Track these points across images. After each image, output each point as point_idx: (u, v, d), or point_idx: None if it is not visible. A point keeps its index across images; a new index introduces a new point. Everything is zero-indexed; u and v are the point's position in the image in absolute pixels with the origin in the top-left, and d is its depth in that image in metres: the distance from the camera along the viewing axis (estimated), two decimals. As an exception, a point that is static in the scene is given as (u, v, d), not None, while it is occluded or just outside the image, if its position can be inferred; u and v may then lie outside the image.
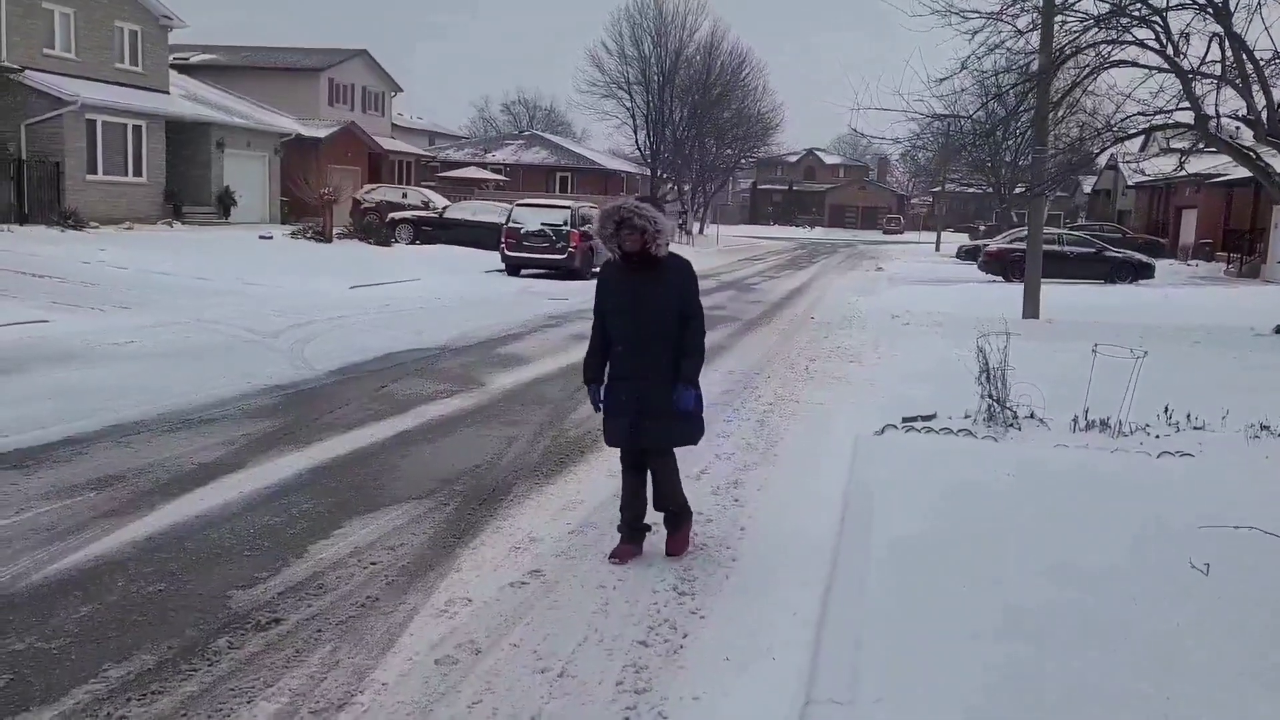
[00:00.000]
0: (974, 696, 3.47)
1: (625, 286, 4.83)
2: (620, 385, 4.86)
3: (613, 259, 4.88)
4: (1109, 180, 51.65)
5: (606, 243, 4.81)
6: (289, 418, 7.73)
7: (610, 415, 4.92)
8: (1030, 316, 16.33)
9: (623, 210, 4.71)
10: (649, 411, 4.79)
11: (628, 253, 4.75)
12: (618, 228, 4.71)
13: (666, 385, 4.77)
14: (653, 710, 3.50)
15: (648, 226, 4.69)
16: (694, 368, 4.86)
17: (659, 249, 4.74)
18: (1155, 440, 7.36)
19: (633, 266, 4.79)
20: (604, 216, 4.79)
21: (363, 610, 4.22)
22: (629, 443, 4.90)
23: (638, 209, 4.70)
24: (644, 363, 4.78)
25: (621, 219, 4.69)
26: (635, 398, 4.79)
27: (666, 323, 4.78)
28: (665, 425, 4.84)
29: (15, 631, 3.85)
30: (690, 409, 4.87)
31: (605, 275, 4.99)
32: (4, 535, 4.83)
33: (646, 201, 4.81)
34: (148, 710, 3.33)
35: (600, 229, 4.82)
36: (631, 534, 4.98)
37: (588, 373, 5.00)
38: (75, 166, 25.03)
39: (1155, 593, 4.49)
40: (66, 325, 11.69)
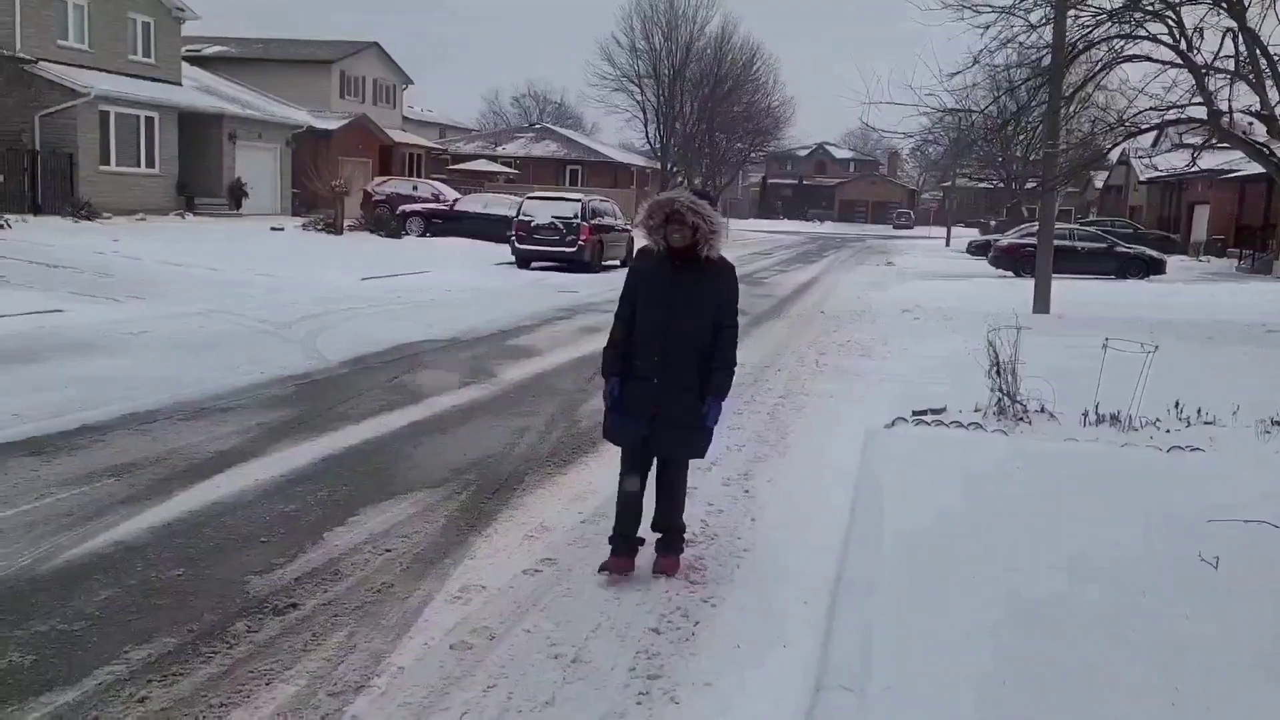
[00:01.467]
0: (983, 685, 3.50)
1: (663, 283, 4.49)
2: (638, 386, 4.54)
3: (653, 250, 4.54)
4: (1121, 175, 51.48)
5: (651, 234, 4.48)
6: (303, 407, 7.79)
7: (620, 413, 4.61)
8: (1041, 311, 16.31)
9: (676, 203, 4.38)
10: (666, 419, 4.50)
11: (674, 249, 4.44)
12: (667, 220, 4.40)
13: (689, 394, 4.49)
14: (665, 696, 3.55)
15: (701, 224, 4.38)
16: (727, 381, 4.58)
17: (711, 250, 4.43)
18: (1166, 435, 7.38)
19: (676, 264, 4.47)
20: (654, 207, 4.46)
21: (378, 596, 4.28)
22: (640, 448, 4.60)
23: (693, 204, 4.37)
24: (669, 368, 4.47)
25: (673, 212, 4.38)
26: (654, 402, 4.49)
27: (700, 328, 4.48)
28: (682, 436, 4.57)
29: (38, 614, 3.91)
30: (714, 424, 4.60)
31: (642, 266, 4.64)
32: (25, 520, 4.90)
33: (702, 197, 4.48)
34: (169, 691, 3.39)
35: (647, 219, 4.47)
36: (624, 546, 4.67)
37: (608, 365, 4.63)
38: (88, 157, 25.16)
39: (1165, 585, 4.51)
40: (82, 315, 11.77)
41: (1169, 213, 44.02)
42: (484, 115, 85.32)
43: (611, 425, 4.71)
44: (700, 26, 52.18)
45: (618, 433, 4.68)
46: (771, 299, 19.77)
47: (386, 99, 44.76)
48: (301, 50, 41.09)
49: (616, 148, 60.10)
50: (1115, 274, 26.72)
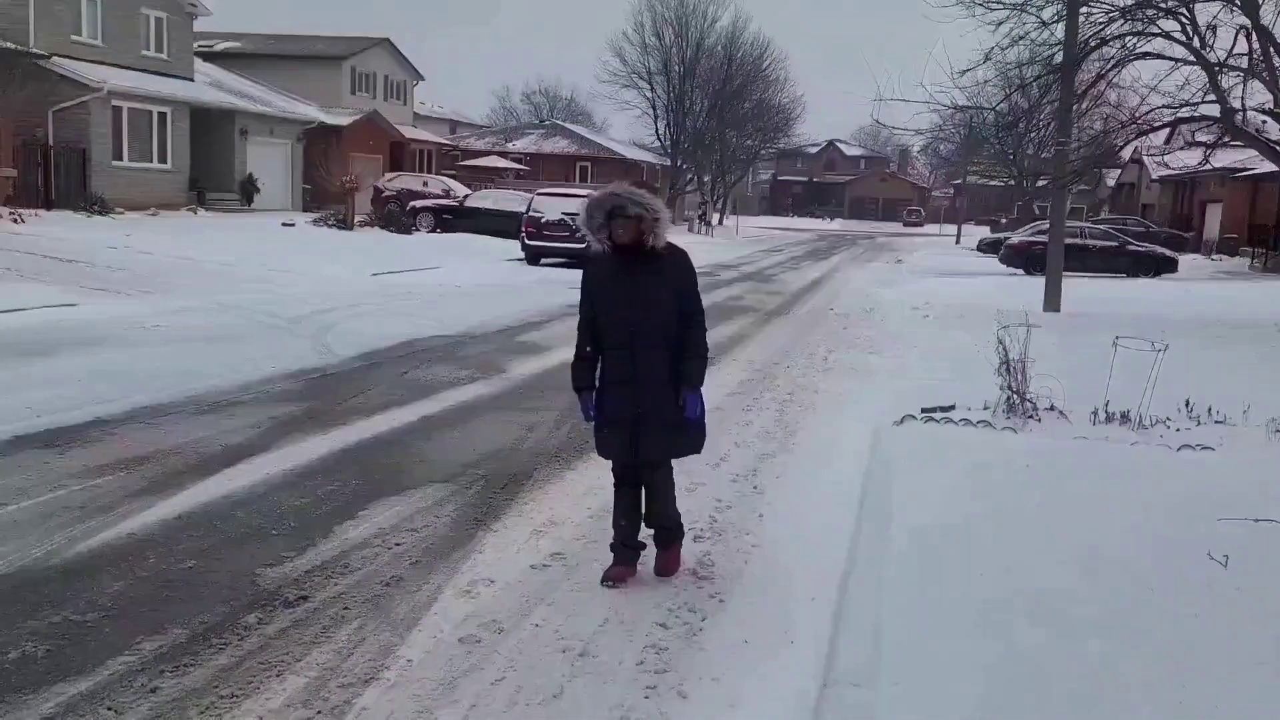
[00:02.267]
0: (989, 682, 3.51)
1: (618, 282, 4.32)
2: (614, 392, 4.39)
3: (601, 252, 4.35)
4: (1133, 174, 51.23)
5: (595, 234, 4.29)
6: (313, 402, 7.83)
7: (604, 425, 4.46)
8: (1051, 310, 16.26)
9: (616, 197, 4.23)
10: (649, 420, 4.34)
11: (620, 245, 4.27)
12: (609, 217, 4.23)
13: (666, 390, 4.35)
14: (672, 690, 3.57)
15: (644, 214, 4.21)
16: (699, 370, 4.41)
17: (657, 239, 4.26)
18: (1176, 434, 7.36)
19: (626, 260, 4.30)
20: (592, 205, 4.28)
21: (388, 589, 4.31)
22: (627, 456, 4.44)
23: (632, 195, 4.23)
24: (641, 367, 4.31)
25: (614, 207, 4.21)
26: (632, 406, 4.33)
27: (666, 321, 4.32)
28: (668, 435, 4.41)
29: (51, 605, 3.95)
30: (698, 416, 4.45)
31: (593, 271, 4.47)
32: (39, 512, 4.94)
33: (640, 187, 4.34)
34: (180, 682, 3.42)
35: (588, 219, 4.28)
36: (625, 553, 4.56)
37: (577, 379, 4.48)
38: (101, 152, 25.24)
39: (1173, 583, 4.51)
40: (94, 309, 11.83)
41: (1181, 211, 43.79)
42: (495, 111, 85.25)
43: (600, 440, 4.55)
44: (711, 23, 52.10)
45: (605, 446, 4.53)
46: (781, 296, 19.76)
47: (397, 95, 44.82)
48: (313, 46, 41.18)
49: (627, 144, 60.06)
50: (1127, 272, 26.62)
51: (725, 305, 17.42)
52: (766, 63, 54.90)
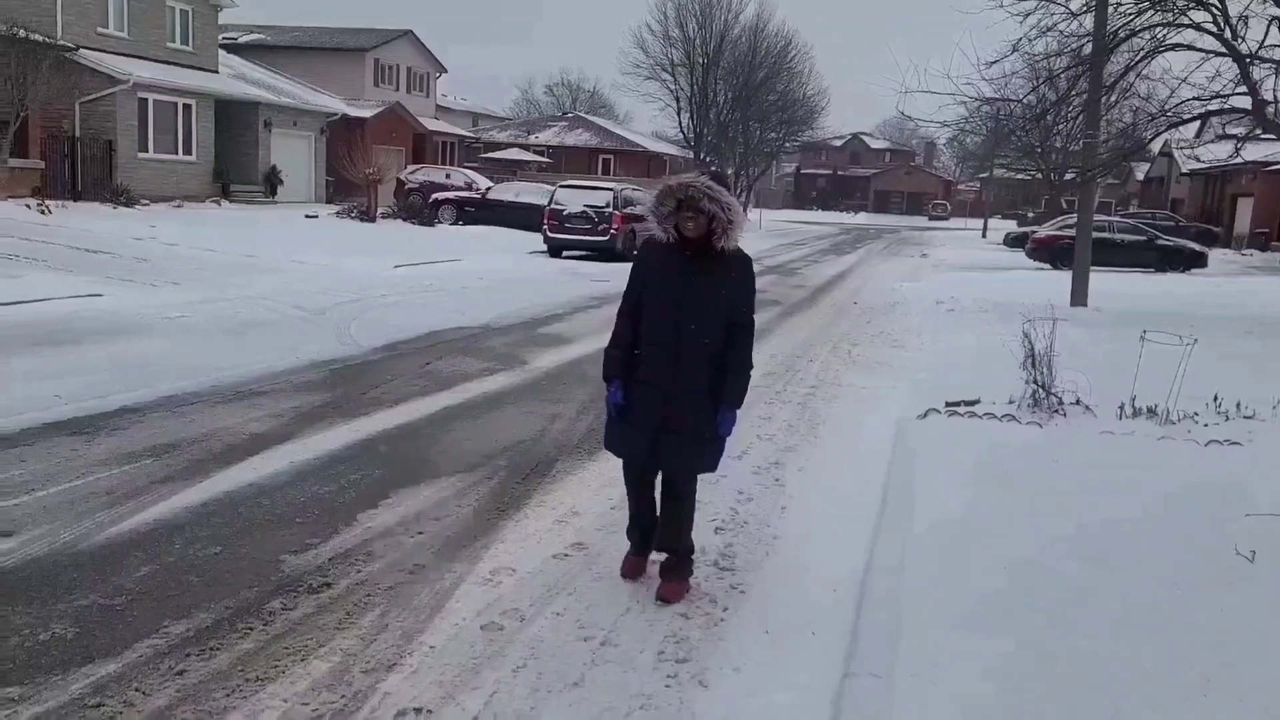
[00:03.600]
0: (1007, 674, 3.49)
1: (673, 277, 4.05)
2: (643, 391, 4.13)
3: (660, 240, 4.08)
4: (1163, 167, 50.70)
5: (662, 222, 4.03)
6: (337, 392, 7.87)
7: (625, 422, 4.20)
8: (1078, 304, 16.11)
9: (691, 188, 3.93)
10: (673, 428, 4.08)
11: (685, 238, 4.02)
12: (679, 206, 3.97)
13: (699, 401, 4.08)
14: (693, 679, 3.57)
15: (719, 213, 3.93)
16: (742, 387, 4.17)
17: (727, 241, 3.98)
18: (1203, 429, 7.28)
19: (687, 256, 4.03)
20: (665, 193, 4.01)
21: (411, 577, 4.33)
22: (645, 462, 4.23)
23: (710, 190, 3.92)
24: (679, 372, 4.05)
25: (687, 198, 3.93)
26: (660, 410, 4.08)
27: (714, 328, 4.05)
28: (691, 448, 4.14)
29: (80, 589, 3.99)
30: (729, 434, 4.21)
31: (648, 258, 4.17)
32: (67, 499, 5.00)
33: (718, 182, 4.00)
34: (206, 665, 3.45)
35: (657, 206, 4.03)
36: (644, 546, 4.42)
37: (610, 367, 4.21)
38: (127, 144, 25.45)
39: (1198, 578, 4.47)
40: (120, 299, 11.93)
41: (1212, 205, 43.28)
42: (517, 103, 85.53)
43: (614, 435, 4.29)
44: (735, 14, 51.92)
45: (621, 444, 4.27)
46: (804, 290, 19.69)
47: (420, 87, 44.96)
48: (336, 38, 41.37)
49: (649, 137, 60.00)
50: (1155, 267, 26.37)
51: (747, 298, 17.36)
52: (791, 54, 54.65)
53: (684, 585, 4.29)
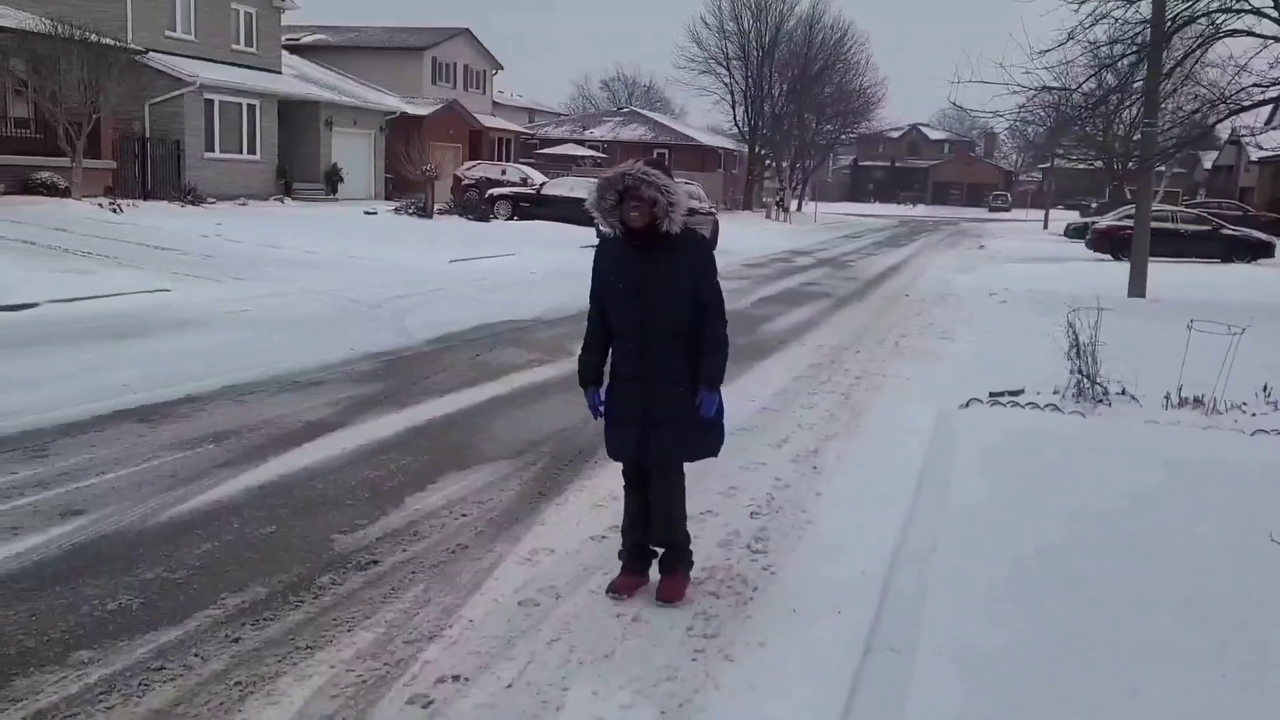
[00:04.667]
0: (1029, 658, 3.56)
1: (628, 269, 4.02)
2: (624, 388, 4.11)
3: (611, 235, 4.05)
4: (1231, 155, 49.37)
5: (606, 216, 3.99)
6: (389, 382, 8.14)
7: (613, 423, 4.16)
8: (1136, 295, 15.89)
9: (627, 178, 3.91)
10: (658, 419, 4.04)
11: (631, 229, 3.96)
12: (620, 198, 3.93)
13: (680, 388, 4.04)
14: (719, 654, 3.71)
15: (659, 197, 3.90)
16: (717, 367, 4.08)
17: (671, 224, 3.94)
18: (1251, 419, 7.22)
19: (637, 245, 4.00)
20: (604, 185, 3.99)
21: (453, 556, 4.52)
22: (636, 458, 4.13)
23: (645, 175, 3.91)
24: (652, 361, 4.02)
25: (626, 188, 3.91)
26: (642, 403, 4.05)
27: (679, 312, 4.01)
28: (678, 436, 4.09)
29: (145, 563, 4.26)
30: (712, 417, 4.14)
31: (603, 256, 4.16)
32: (134, 480, 5.29)
33: (656, 167, 3.99)
34: (261, 634, 3.68)
35: (599, 201, 3.98)
36: (635, 563, 4.26)
37: (584, 373, 4.20)
38: (194, 144, 26.20)
39: (1233, 566, 4.49)
40: (187, 294, 12.38)
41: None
42: (572, 99, 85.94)
43: (608, 439, 4.24)
44: (790, 6, 51.74)
45: (615, 446, 4.21)
46: (856, 282, 19.65)
47: (476, 84, 45.48)
48: (394, 37, 42.03)
49: (704, 131, 60.00)
50: (1221, 258, 25.78)
51: (798, 291, 17.42)
52: (847, 45, 54.32)
53: (684, 581, 4.20)
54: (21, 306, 10.53)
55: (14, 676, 3.30)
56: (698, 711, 3.31)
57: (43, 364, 8.03)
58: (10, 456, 5.55)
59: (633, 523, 4.26)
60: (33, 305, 10.71)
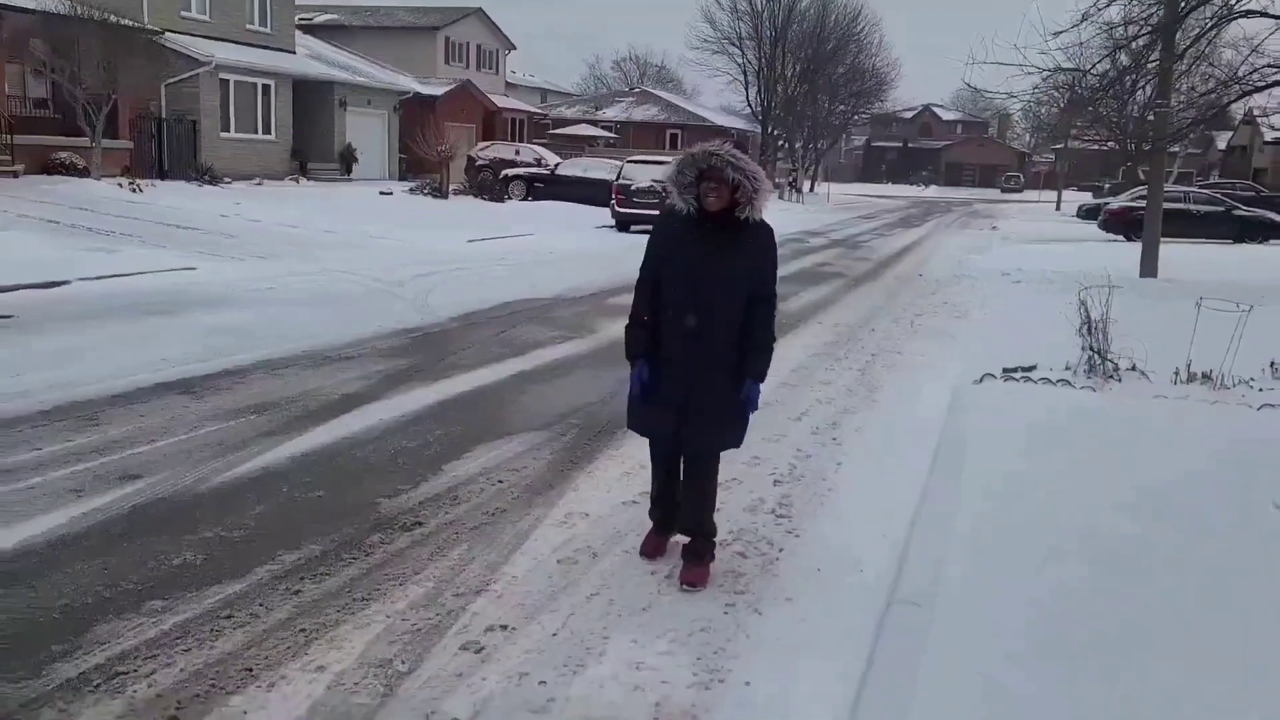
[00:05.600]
0: (1040, 612, 3.77)
1: (694, 250, 3.91)
2: (667, 369, 4.02)
3: (679, 210, 3.91)
4: (1245, 136, 49.16)
5: (682, 192, 3.87)
6: (418, 357, 8.36)
7: (647, 400, 4.08)
8: (1148, 275, 16.02)
9: (715, 156, 3.78)
10: (696, 406, 3.98)
11: (706, 210, 3.86)
12: (700, 177, 3.83)
13: (722, 377, 3.99)
14: (749, 608, 3.93)
15: (744, 182, 3.79)
16: (766, 361, 4.06)
17: (753, 211, 3.85)
18: (1258, 394, 7.40)
19: (708, 227, 3.88)
20: (684, 161, 3.86)
21: (493, 519, 4.75)
22: (668, 439, 4.12)
23: (734, 158, 3.78)
24: (700, 347, 3.95)
25: (709, 167, 3.79)
26: (684, 387, 3.98)
27: (735, 300, 3.95)
28: (715, 425, 4.06)
29: (204, 523, 4.50)
30: (754, 409, 4.14)
31: (665, 229, 4.03)
32: (185, 448, 5.53)
33: (741, 150, 3.89)
34: (319, 587, 3.92)
35: (677, 175, 3.86)
36: (666, 526, 4.34)
37: (633, 345, 4.09)
38: (210, 124, 26.40)
39: (1233, 530, 4.69)
40: (212, 273, 12.61)
41: (1296, 175, 41.95)
42: (585, 79, 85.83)
43: (637, 414, 4.19)
44: (803, -14, 51.50)
45: (646, 423, 4.17)
46: (869, 262, 19.79)
47: (489, 64, 45.53)
48: (407, 17, 42.09)
49: (717, 111, 59.94)
50: (1233, 238, 25.85)
51: (813, 271, 17.57)
52: (860, 26, 54.13)
53: (706, 570, 4.18)
54: (55, 284, 10.78)
55: (95, 622, 3.55)
56: (731, 658, 3.54)
57: (81, 338, 8.27)
58: (64, 425, 5.80)
59: (660, 493, 4.33)
60: (65, 283, 10.94)
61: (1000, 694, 3.16)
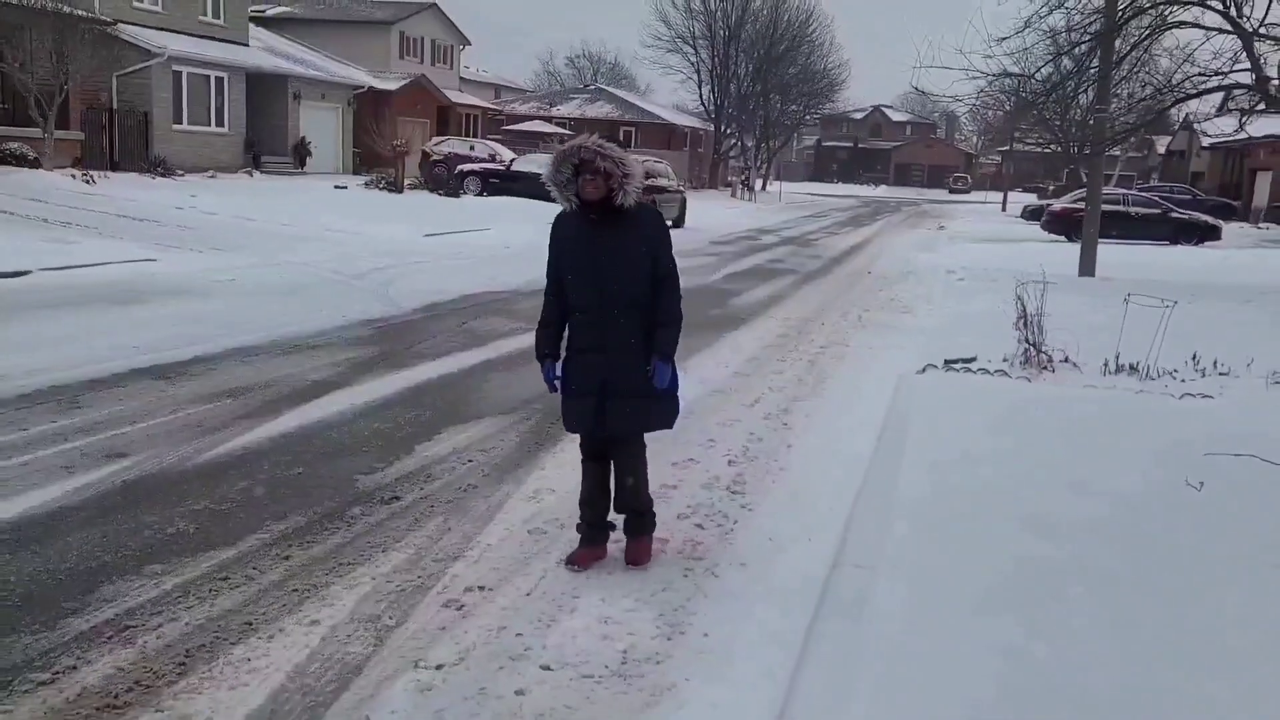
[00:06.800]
0: (980, 572, 4.16)
1: (585, 243, 4.09)
2: (581, 360, 4.16)
3: (567, 210, 4.12)
4: (1183, 141, 50.68)
5: (562, 189, 4.05)
6: (384, 346, 8.61)
7: (570, 396, 4.22)
8: (1086, 274, 16.66)
9: (583, 150, 3.96)
10: (616, 391, 4.11)
11: (587, 202, 4.02)
12: (576, 171, 3.98)
13: (637, 360, 4.11)
14: (707, 571, 4.27)
15: (614, 170, 3.96)
16: (671, 339, 4.14)
17: (625, 197, 4.01)
18: (1180, 384, 7.91)
19: (593, 219, 4.06)
20: (560, 158, 4.02)
21: (465, 494, 5.05)
22: (594, 429, 4.23)
23: (601, 148, 3.97)
24: (609, 334, 4.09)
25: (581, 160, 3.96)
26: (599, 375, 4.11)
27: (636, 285, 4.08)
28: (636, 407, 4.16)
29: (192, 497, 4.75)
30: (667, 387, 4.19)
31: (560, 230, 4.22)
32: (165, 429, 5.75)
33: (612, 140, 4.10)
34: (306, 553, 4.20)
35: (555, 173, 4.03)
36: (592, 534, 4.35)
37: (540, 347, 4.26)
38: (162, 116, 26.21)
39: (1154, 504, 5.13)
40: (172, 264, 12.69)
41: (1231, 179, 43.39)
42: (538, 76, 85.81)
43: (566, 412, 4.32)
44: (756, -13, 52.09)
45: (571, 418, 4.30)
46: (820, 260, 20.29)
47: (444, 60, 45.47)
48: (361, 11, 41.90)
49: (670, 109, 60.35)
50: (1169, 239, 26.77)
51: (765, 268, 18.01)
52: (812, 27, 54.86)
53: (649, 541, 4.35)
54: (16, 274, 10.83)
55: (101, 583, 3.80)
56: (690, 614, 3.88)
57: (50, 327, 8.40)
58: (46, 408, 5.99)
59: (590, 495, 4.35)
60: (26, 273, 11.00)
61: (944, 636, 3.53)
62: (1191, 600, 3.98)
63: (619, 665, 3.45)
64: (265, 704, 3.09)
